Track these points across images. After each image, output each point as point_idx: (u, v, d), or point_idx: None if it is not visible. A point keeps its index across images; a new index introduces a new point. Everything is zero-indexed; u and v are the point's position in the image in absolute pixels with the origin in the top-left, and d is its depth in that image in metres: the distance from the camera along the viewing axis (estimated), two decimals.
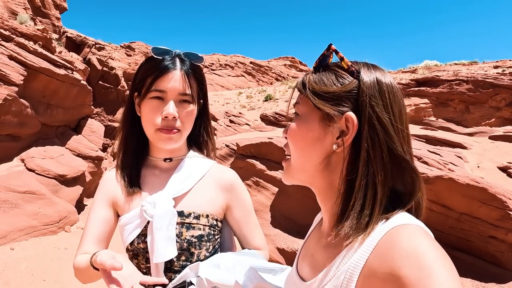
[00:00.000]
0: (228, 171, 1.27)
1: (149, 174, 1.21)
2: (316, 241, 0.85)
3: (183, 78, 1.10)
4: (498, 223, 4.24)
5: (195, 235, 1.10)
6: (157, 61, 1.12)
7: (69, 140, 11.42)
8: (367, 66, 0.73)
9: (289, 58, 45.99)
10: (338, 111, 0.69)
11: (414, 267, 0.53)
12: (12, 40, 9.43)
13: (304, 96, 0.75)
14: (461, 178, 4.41)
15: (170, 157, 1.21)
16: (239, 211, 1.22)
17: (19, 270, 5.77)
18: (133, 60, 32.07)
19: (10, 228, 6.90)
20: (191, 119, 1.15)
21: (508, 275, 4.18)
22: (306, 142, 0.74)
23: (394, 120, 0.68)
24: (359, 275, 0.62)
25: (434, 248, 0.56)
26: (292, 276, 0.86)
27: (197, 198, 1.16)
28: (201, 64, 1.22)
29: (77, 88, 11.75)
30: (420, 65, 19.46)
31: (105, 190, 1.21)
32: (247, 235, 1.23)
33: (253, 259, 1.09)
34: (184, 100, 1.11)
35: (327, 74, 0.74)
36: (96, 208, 1.19)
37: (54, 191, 8.64)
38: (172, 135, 1.10)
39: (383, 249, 0.59)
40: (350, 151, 0.70)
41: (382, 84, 0.70)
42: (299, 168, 0.78)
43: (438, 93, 12.34)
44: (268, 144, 7.81)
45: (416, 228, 0.61)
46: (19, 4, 17.00)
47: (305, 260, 0.84)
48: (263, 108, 20.65)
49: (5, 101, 8.27)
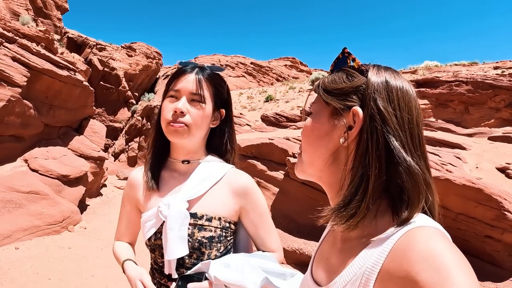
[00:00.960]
0: (243, 176, 1.31)
1: (168, 176, 1.30)
2: (330, 244, 0.84)
3: (196, 80, 1.22)
4: (494, 223, 4.31)
5: (206, 236, 1.17)
6: (180, 69, 1.27)
7: (72, 140, 11.50)
8: (377, 66, 0.75)
9: (289, 58, 45.97)
10: (345, 105, 0.72)
11: (431, 271, 0.52)
12: (15, 41, 9.52)
13: (318, 95, 0.79)
14: (457, 179, 4.49)
15: (187, 159, 1.29)
16: (253, 215, 1.28)
17: (24, 269, 5.85)
18: (134, 60, 32.08)
19: (14, 227, 6.98)
20: (201, 118, 1.22)
21: (504, 273, 4.24)
22: (316, 136, 0.77)
23: (399, 115, 0.68)
24: (376, 279, 0.60)
25: (451, 251, 0.55)
26: (307, 280, 0.86)
27: (211, 201, 1.23)
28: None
29: (79, 89, 11.84)
30: (420, 65, 19.49)
31: (130, 188, 1.35)
32: (262, 238, 1.29)
33: (264, 261, 1.12)
34: (195, 99, 1.21)
35: (339, 74, 0.77)
36: (124, 205, 1.37)
37: (57, 191, 8.72)
38: (178, 128, 1.18)
39: (399, 252, 0.58)
40: (355, 145, 0.70)
41: (390, 81, 0.71)
42: (309, 162, 0.80)
43: (438, 94, 12.40)
44: (269, 145, 7.88)
45: (433, 230, 0.60)
46: (21, 5, 17.10)
47: (320, 264, 0.84)
48: (264, 108, 20.68)
49: (8, 102, 8.36)
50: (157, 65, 35.62)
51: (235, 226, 1.28)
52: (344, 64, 0.78)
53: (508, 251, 4.30)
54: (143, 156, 21.18)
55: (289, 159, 6.67)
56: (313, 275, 0.84)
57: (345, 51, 0.78)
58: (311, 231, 5.71)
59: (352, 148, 0.70)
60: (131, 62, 31.64)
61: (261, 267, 1.07)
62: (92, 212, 10.22)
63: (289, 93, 24.17)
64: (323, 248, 0.88)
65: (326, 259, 0.81)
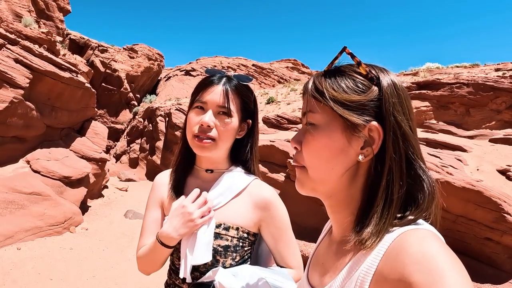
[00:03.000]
0: (266, 188, 1.29)
1: (193, 183, 1.31)
2: (326, 249, 0.84)
3: (224, 92, 1.20)
4: (493, 225, 4.32)
5: (222, 244, 1.18)
6: (207, 79, 1.25)
7: (73, 142, 11.56)
8: (381, 71, 0.71)
9: (291, 60, 45.96)
10: (364, 120, 0.67)
11: (424, 273, 0.52)
12: (18, 43, 9.57)
13: (323, 105, 0.71)
14: (457, 181, 4.50)
15: (211, 168, 1.30)
16: (273, 228, 1.26)
17: (26, 270, 5.88)
18: (136, 62, 32.17)
19: (16, 228, 7.02)
20: (228, 132, 1.21)
21: (504, 276, 4.26)
22: (331, 153, 0.70)
23: (412, 127, 0.68)
24: (370, 281, 0.61)
25: (445, 252, 0.55)
26: (303, 285, 0.85)
27: (231, 211, 1.24)
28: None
29: (81, 91, 11.89)
30: (421, 67, 19.45)
31: (156, 192, 1.36)
32: (280, 252, 1.26)
33: (277, 277, 1.10)
34: (222, 112, 1.20)
35: (344, 80, 0.71)
36: (149, 209, 1.35)
37: (59, 192, 8.77)
38: (205, 145, 1.18)
39: (393, 254, 0.59)
40: (374, 160, 0.68)
41: (398, 89, 0.69)
42: (320, 180, 0.74)
43: (439, 96, 12.40)
44: (270, 147, 7.89)
45: (426, 233, 0.60)
46: (23, 6, 17.16)
47: (316, 269, 0.83)
48: (265, 110, 20.67)
49: (11, 103, 8.42)
50: (159, 66, 35.73)
51: (254, 238, 1.27)
52: (340, 64, 0.74)
53: (507, 253, 4.32)
54: (144, 158, 21.23)
55: (290, 161, 6.69)
56: (309, 279, 0.84)
57: (347, 52, 0.73)
58: (312, 233, 5.72)
59: (370, 163, 0.69)
60: (133, 63, 31.73)
61: (270, 281, 1.06)
62: (93, 213, 10.26)
63: (290, 95, 24.18)
64: (319, 252, 0.88)
65: (322, 263, 0.81)
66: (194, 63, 39.11)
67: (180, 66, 39.43)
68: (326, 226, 0.94)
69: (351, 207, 0.72)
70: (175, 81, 34.85)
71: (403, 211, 0.66)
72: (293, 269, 1.26)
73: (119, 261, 6.85)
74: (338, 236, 0.78)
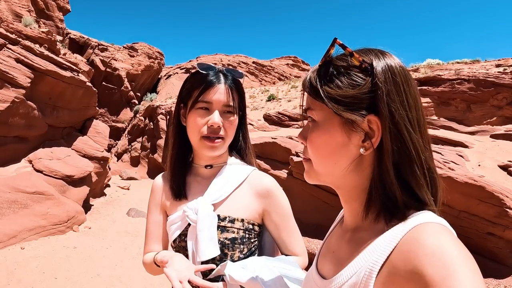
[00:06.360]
0: (266, 177, 1.32)
1: (192, 180, 1.33)
2: (338, 238, 0.84)
3: (227, 91, 1.21)
4: (496, 220, 4.34)
5: (229, 237, 1.19)
6: (202, 75, 1.23)
7: (75, 141, 11.59)
8: (377, 56, 0.69)
9: (291, 57, 45.92)
10: (360, 115, 0.67)
11: (438, 266, 0.52)
12: (19, 43, 9.58)
13: (319, 102, 0.71)
14: (459, 177, 4.51)
15: (211, 164, 1.31)
16: (276, 216, 1.27)
17: (31, 269, 5.91)
18: (136, 61, 32.18)
19: (20, 228, 7.05)
20: (233, 129, 1.25)
21: (506, 270, 4.27)
22: (332, 149, 0.71)
23: (410, 115, 0.67)
24: (379, 272, 0.61)
25: (458, 247, 0.55)
26: (312, 274, 0.85)
27: (234, 203, 1.25)
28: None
29: (82, 90, 11.91)
30: (422, 63, 19.41)
31: (155, 196, 1.37)
32: (284, 241, 1.28)
33: (284, 265, 1.11)
34: (227, 111, 1.22)
35: (338, 74, 0.70)
36: (151, 213, 1.36)
37: (61, 191, 8.80)
38: (216, 144, 1.20)
39: (406, 246, 0.59)
40: (377, 150, 0.68)
41: (395, 74, 0.67)
42: (325, 173, 0.76)
43: (440, 92, 12.39)
44: (272, 144, 7.91)
45: (439, 227, 0.60)
46: (23, 6, 17.16)
47: (326, 258, 0.84)
48: (266, 108, 20.69)
49: (13, 103, 8.44)
50: (159, 65, 35.74)
51: (259, 228, 1.28)
52: (332, 57, 0.73)
53: (510, 248, 4.33)
54: (145, 156, 21.27)
55: (292, 158, 6.70)
56: (318, 269, 0.84)
57: (338, 43, 0.71)
58: (315, 230, 5.75)
59: (374, 155, 0.69)
60: (133, 62, 31.75)
61: (280, 271, 1.06)
62: (96, 212, 10.30)
63: (291, 92, 24.19)
64: (330, 242, 0.88)
65: (333, 252, 0.82)
66: (194, 61, 39.12)
67: (180, 64, 39.46)
68: (339, 216, 0.96)
69: (361, 196, 0.73)
70: (175, 79, 34.89)
71: (406, 201, 0.67)
72: (298, 256, 1.28)
73: (123, 259, 6.88)
74: (350, 225, 0.79)
